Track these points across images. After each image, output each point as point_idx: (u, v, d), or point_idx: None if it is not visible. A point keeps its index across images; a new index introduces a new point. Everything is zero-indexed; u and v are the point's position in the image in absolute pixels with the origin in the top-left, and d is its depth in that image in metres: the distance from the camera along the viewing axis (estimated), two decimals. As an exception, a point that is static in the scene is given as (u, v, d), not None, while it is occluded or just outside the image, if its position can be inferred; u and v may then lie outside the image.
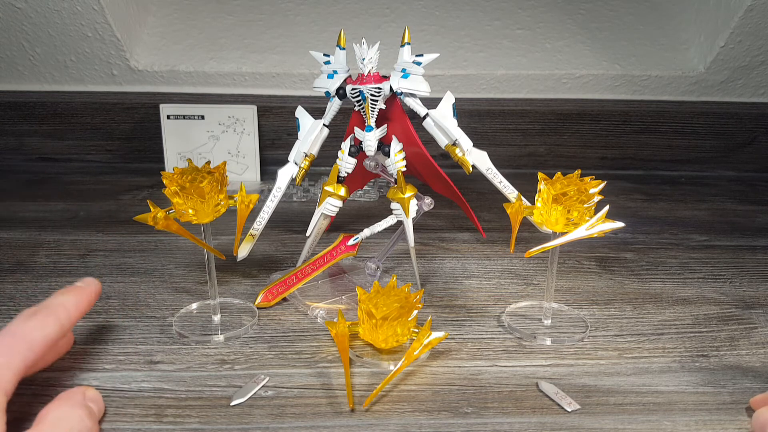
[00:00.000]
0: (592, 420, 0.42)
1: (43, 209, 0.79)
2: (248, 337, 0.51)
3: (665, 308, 0.58)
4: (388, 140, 0.57)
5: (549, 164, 1.00)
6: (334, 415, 0.42)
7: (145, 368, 0.47)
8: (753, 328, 0.54)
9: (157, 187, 0.88)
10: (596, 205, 0.47)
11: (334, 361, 0.48)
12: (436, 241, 0.72)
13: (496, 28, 1.02)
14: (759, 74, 0.99)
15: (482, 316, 0.55)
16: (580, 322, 0.54)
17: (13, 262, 0.64)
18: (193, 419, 0.41)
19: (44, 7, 0.87)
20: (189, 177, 0.47)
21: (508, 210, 0.51)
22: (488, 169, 0.58)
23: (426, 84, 0.54)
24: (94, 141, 0.98)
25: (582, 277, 0.64)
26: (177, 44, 0.98)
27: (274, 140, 0.96)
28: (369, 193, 0.87)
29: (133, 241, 0.70)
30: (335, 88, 0.55)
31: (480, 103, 0.98)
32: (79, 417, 0.37)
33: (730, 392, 0.45)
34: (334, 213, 0.59)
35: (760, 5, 0.87)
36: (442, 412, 0.42)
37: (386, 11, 1.02)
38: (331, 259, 0.58)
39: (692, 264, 0.67)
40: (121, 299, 0.57)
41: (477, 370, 0.47)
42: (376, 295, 0.46)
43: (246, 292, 0.59)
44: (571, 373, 0.47)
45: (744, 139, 1.01)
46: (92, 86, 0.98)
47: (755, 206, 0.87)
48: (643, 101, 1.01)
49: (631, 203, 0.87)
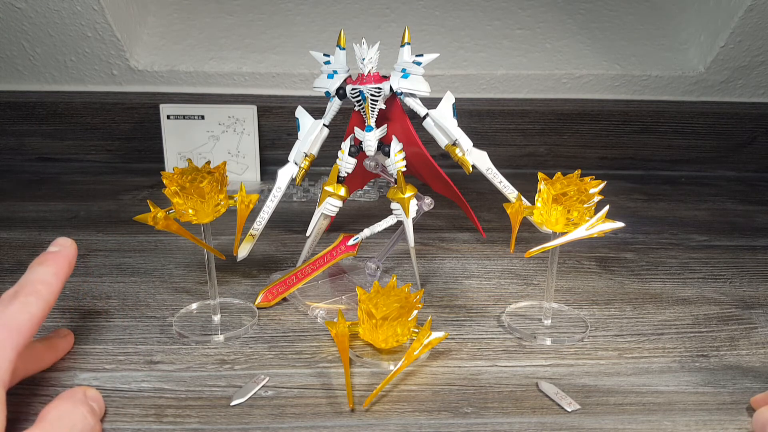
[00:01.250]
0: (592, 420, 0.42)
1: (43, 209, 0.79)
2: (248, 337, 0.51)
3: (665, 308, 0.58)
4: (388, 140, 0.57)
5: (549, 164, 1.00)
6: (334, 415, 0.42)
7: (145, 368, 0.47)
8: (753, 328, 0.54)
9: (157, 187, 0.88)
10: (596, 205, 0.47)
11: (334, 361, 0.48)
12: (436, 241, 0.72)
13: (496, 28, 1.02)
14: (759, 74, 0.99)
15: (482, 316, 0.55)
16: (580, 322, 0.54)
17: (13, 262, 0.64)
18: (193, 419, 0.41)
19: (44, 7, 0.87)
20: (189, 177, 0.47)
21: (508, 210, 0.51)
22: (488, 169, 0.58)
23: (426, 84, 0.54)
24: (94, 141, 0.98)
25: (582, 277, 0.64)
26: (177, 44, 0.98)
27: (274, 140, 0.96)
28: (369, 193, 0.87)
29: (133, 241, 0.70)
30: (335, 88, 0.55)
31: (480, 103, 0.98)
32: (81, 414, 0.37)
33: (730, 392, 0.45)
34: (334, 213, 0.59)
35: (760, 5, 0.87)
36: (442, 412, 0.42)
37: (386, 11, 1.02)
38: (331, 259, 0.58)
39: (692, 264, 0.67)
40: (121, 299, 0.57)
41: (477, 370, 0.47)
42: (376, 295, 0.46)
43: (246, 292, 0.59)
44: (571, 373, 0.47)
45: (744, 139, 1.01)
46: (92, 86, 0.98)
47: (755, 206, 0.87)
48: (643, 101, 1.01)
49: (631, 203, 0.87)
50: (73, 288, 0.59)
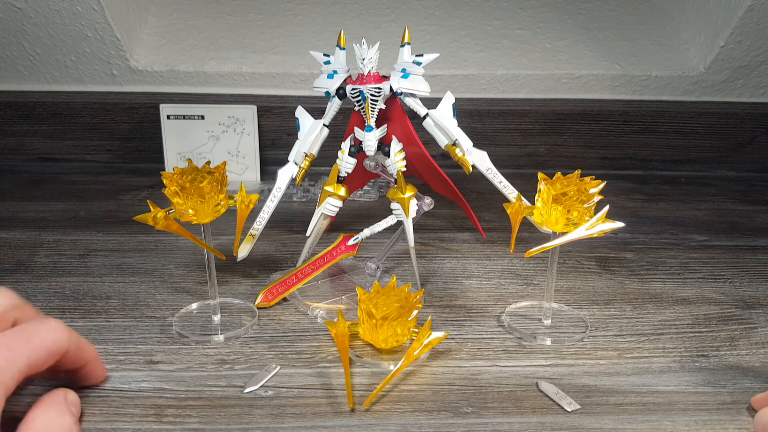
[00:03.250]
0: (592, 420, 0.42)
1: (43, 209, 0.79)
2: (248, 337, 0.51)
3: (665, 308, 0.58)
4: (388, 140, 0.57)
5: (549, 164, 1.00)
6: (334, 415, 0.42)
7: (145, 368, 0.47)
8: (753, 328, 0.54)
9: (157, 187, 0.88)
10: (596, 205, 0.47)
11: (334, 361, 0.48)
12: (436, 241, 0.72)
13: (496, 28, 1.02)
14: (759, 74, 0.99)
15: (482, 316, 0.55)
16: (580, 322, 0.54)
17: (13, 262, 0.64)
18: (193, 419, 0.41)
19: (44, 7, 0.87)
20: (189, 177, 0.47)
21: (508, 210, 0.51)
22: (488, 169, 0.58)
23: (426, 84, 0.54)
24: (94, 141, 0.98)
25: (582, 277, 0.64)
26: (177, 44, 0.98)
27: (274, 140, 0.96)
28: (369, 193, 0.87)
29: (133, 241, 0.70)
30: (335, 88, 0.55)
31: (480, 103, 0.98)
32: (68, 424, 0.36)
33: (730, 392, 0.45)
34: (334, 213, 0.59)
35: (760, 5, 0.87)
36: (442, 412, 0.42)
37: (386, 11, 1.02)
38: (331, 259, 0.58)
39: (692, 264, 0.67)
40: (121, 299, 0.57)
41: (477, 370, 0.47)
42: (376, 295, 0.46)
43: (246, 292, 0.59)
44: (571, 373, 0.47)
45: (744, 139, 1.01)
46: (92, 86, 0.98)
47: (755, 206, 0.87)
48: (643, 101, 1.01)
49: (631, 203, 0.87)
50: (73, 288, 0.59)
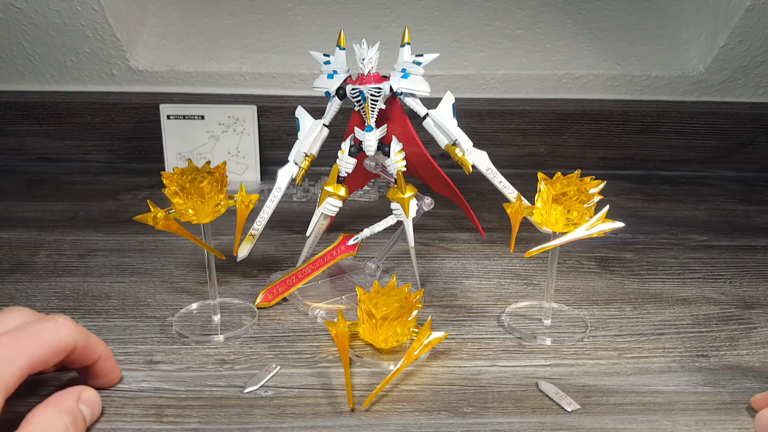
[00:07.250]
0: (592, 420, 0.42)
1: (43, 209, 0.79)
2: (248, 337, 0.51)
3: (665, 308, 0.58)
4: (388, 140, 0.57)
5: (549, 164, 1.00)
6: (334, 415, 0.42)
7: (145, 368, 0.47)
8: (753, 328, 0.54)
9: (157, 187, 0.88)
10: (596, 205, 0.47)
11: (334, 361, 0.48)
12: (436, 241, 0.72)
13: (496, 28, 1.02)
14: (759, 74, 0.99)
15: (482, 316, 0.55)
16: (580, 322, 0.54)
17: (13, 262, 0.64)
18: (193, 419, 0.41)
19: (44, 7, 0.87)
20: (189, 177, 0.47)
21: (508, 210, 0.51)
22: (488, 169, 0.58)
23: (426, 84, 0.54)
24: (94, 141, 0.98)
25: (582, 277, 0.64)
26: (177, 44, 0.98)
27: (274, 140, 0.96)
28: (369, 193, 0.87)
29: (133, 241, 0.70)
30: (335, 88, 0.55)
31: (480, 103, 0.98)
32: (63, 426, 0.36)
33: (730, 392, 0.45)
34: (334, 213, 0.59)
35: (760, 5, 0.87)
36: (442, 412, 0.42)
37: (386, 11, 1.02)
38: (331, 259, 0.58)
39: (692, 264, 0.67)
40: (121, 299, 0.57)
41: (477, 370, 0.47)
42: (376, 295, 0.46)
43: (246, 292, 0.59)
44: (571, 373, 0.47)
45: (744, 139, 1.01)
46: (92, 86, 0.98)
47: (755, 206, 0.87)
48: (643, 101, 1.01)
49: (631, 203, 0.87)
50: (73, 288, 0.59)
